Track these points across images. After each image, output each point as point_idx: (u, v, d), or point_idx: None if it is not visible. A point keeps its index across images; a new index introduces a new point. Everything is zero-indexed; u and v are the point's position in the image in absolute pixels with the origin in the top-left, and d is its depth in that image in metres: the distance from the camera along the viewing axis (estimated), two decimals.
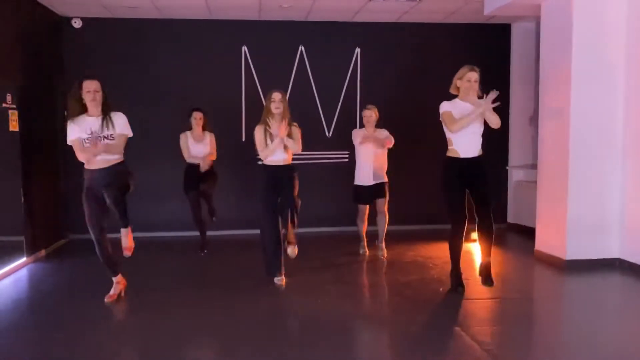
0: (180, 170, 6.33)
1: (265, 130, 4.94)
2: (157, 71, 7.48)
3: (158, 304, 4.59)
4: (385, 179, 6.09)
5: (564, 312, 4.60)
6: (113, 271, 4.62)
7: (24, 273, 5.73)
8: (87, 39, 7.32)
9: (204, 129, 6.31)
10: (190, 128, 6.28)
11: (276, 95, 4.90)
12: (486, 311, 4.47)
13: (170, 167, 7.00)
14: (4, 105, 5.52)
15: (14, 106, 5.66)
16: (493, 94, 4.45)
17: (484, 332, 3.90)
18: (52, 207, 6.83)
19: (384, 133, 6.06)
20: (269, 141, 4.93)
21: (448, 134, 4.68)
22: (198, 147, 6.23)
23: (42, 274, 5.69)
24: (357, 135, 6.03)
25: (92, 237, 4.42)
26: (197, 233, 6.58)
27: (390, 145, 6.03)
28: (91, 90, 4.31)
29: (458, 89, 4.66)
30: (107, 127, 4.36)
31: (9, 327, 4.16)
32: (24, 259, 5.93)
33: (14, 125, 5.68)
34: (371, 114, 6.02)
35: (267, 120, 4.94)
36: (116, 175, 4.38)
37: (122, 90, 7.38)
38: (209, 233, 6.69)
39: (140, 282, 5.09)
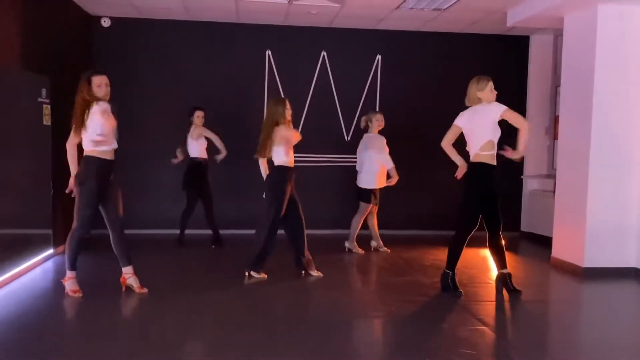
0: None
1: None
2: (182, 72, 7.63)
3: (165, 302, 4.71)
4: None
5: (580, 319, 4.71)
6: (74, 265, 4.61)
7: (50, 265, 5.85)
8: (115, 38, 7.47)
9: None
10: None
11: (289, 104, 5.29)
12: (503, 314, 4.58)
13: None
14: (39, 99, 5.64)
15: (48, 101, 5.79)
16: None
17: (501, 335, 4.01)
18: None
19: None
20: None
21: (489, 137, 4.65)
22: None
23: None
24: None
25: (81, 230, 4.49)
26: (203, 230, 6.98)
27: None
28: (102, 85, 4.45)
29: (479, 100, 4.71)
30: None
31: (39, 313, 4.31)
32: (51, 251, 6.04)
33: (47, 120, 5.80)
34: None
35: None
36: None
37: (146, 89, 7.57)
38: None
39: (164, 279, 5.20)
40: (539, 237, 7.55)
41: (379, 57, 7.99)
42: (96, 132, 4.28)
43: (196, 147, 6.58)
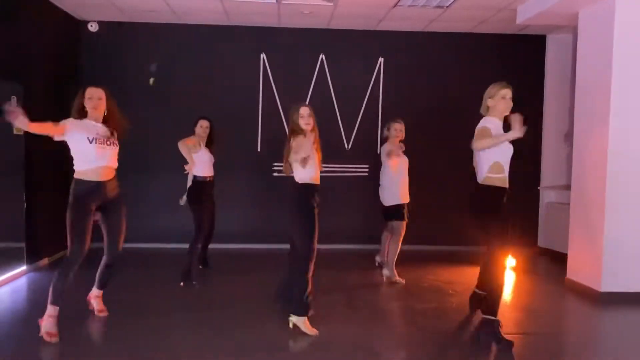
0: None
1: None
2: (172, 77, 7.27)
3: (157, 324, 4.28)
4: None
5: (597, 352, 4.08)
6: (59, 299, 3.89)
7: (22, 282, 5.52)
8: (103, 42, 7.17)
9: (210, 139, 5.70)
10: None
11: (304, 110, 4.20)
12: (513, 348, 3.97)
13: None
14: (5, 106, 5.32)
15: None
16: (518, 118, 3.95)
17: None
18: (59, 215, 6.60)
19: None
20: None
21: (495, 157, 3.95)
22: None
23: (41, 283, 5.44)
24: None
25: (74, 258, 3.83)
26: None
27: None
28: (93, 97, 4.00)
29: (488, 108, 4.08)
30: (112, 134, 4.08)
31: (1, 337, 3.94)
32: (23, 267, 5.71)
33: (17, 129, 5.49)
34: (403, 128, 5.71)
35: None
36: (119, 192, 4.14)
37: (136, 94, 7.23)
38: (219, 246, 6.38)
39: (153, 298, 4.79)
40: (557, 255, 6.89)
41: (381, 59, 7.47)
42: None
43: (198, 165, 5.44)
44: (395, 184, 5.65)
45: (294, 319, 4.03)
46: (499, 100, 4.00)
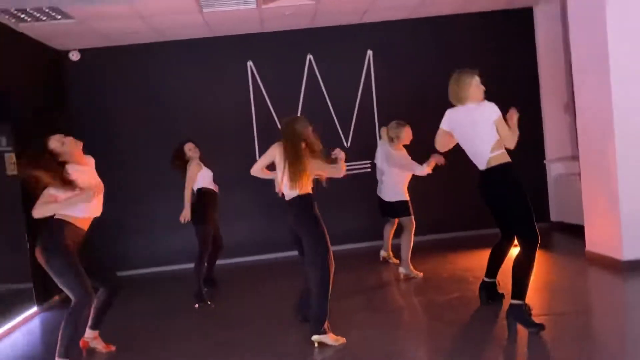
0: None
1: None
2: (162, 96, 7.15)
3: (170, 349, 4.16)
4: None
5: (627, 327, 3.95)
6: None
7: (36, 323, 5.41)
8: (87, 70, 7.05)
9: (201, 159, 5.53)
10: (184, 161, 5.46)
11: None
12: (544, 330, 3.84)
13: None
14: None
15: (9, 149, 5.37)
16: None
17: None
18: None
19: None
20: None
21: (496, 136, 3.84)
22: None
23: (55, 323, 5.31)
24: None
25: (86, 301, 3.65)
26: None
27: None
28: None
29: (464, 99, 3.91)
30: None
31: None
32: (35, 309, 5.60)
33: (12, 168, 5.38)
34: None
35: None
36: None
37: (128, 118, 7.12)
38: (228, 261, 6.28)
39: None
40: (571, 227, 6.76)
41: (369, 52, 7.35)
42: None
43: (200, 179, 5.41)
44: (401, 180, 5.55)
45: (316, 337, 3.82)
46: (475, 88, 3.89)
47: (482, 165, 3.93)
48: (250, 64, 7.25)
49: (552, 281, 5.05)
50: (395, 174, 5.56)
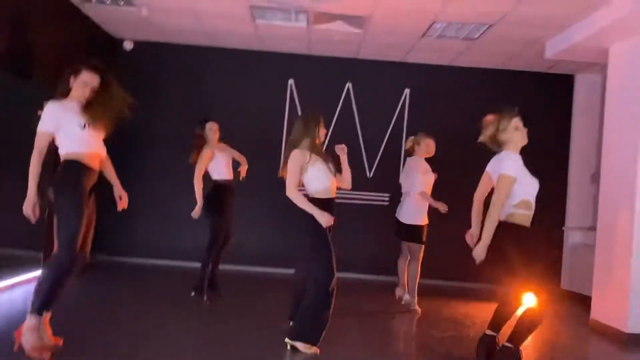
0: None
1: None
2: (201, 99, 7.39)
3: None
4: None
5: None
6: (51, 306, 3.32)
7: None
8: (136, 61, 7.35)
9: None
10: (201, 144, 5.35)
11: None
12: None
13: None
14: (39, 112, 5.45)
15: None
16: None
17: None
18: None
19: None
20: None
21: (524, 192, 3.71)
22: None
23: None
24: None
25: (69, 259, 3.28)
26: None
27: None
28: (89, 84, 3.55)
29: (502, 143, 3.82)
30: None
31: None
32: (39, 272, 5.70)
33: None
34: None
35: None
36: None
37: (167, 113, 7.36)
38: (228, 267, 6.28)
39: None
40: (581, 297, 6.64)
41: (407, 91, 7.52)
42: None
43: (215, 168, 5.35)
44: (422, 205, 5.48)
45: (298, 344, 3.78)
46: (512, 130, 3.75)
47: (503, 217, 3.77)
48: (291, 82, 7.47)
49: (554, 342, 4.93)
50: (417, 200, 5.50)
